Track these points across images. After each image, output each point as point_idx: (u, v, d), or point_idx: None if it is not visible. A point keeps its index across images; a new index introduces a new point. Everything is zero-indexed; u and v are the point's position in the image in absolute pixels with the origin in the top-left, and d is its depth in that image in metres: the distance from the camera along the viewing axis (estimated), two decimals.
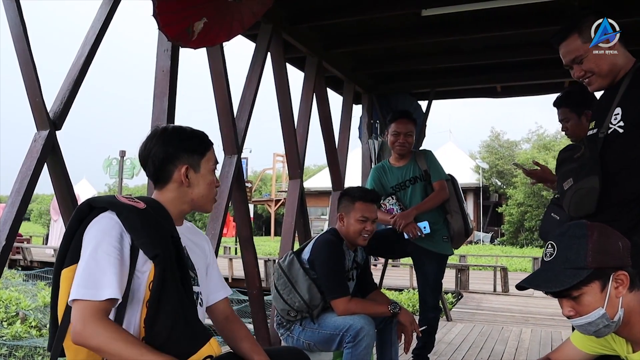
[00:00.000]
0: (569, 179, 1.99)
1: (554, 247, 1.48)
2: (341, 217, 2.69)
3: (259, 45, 3.93)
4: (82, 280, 1.40)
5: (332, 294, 2.54)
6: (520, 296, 8.15)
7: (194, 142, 1.67)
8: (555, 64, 5.28)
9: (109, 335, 1.36)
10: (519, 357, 4.10)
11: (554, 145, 27.45)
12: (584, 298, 1.40)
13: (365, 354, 2.40)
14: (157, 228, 1.51)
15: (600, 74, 1.96)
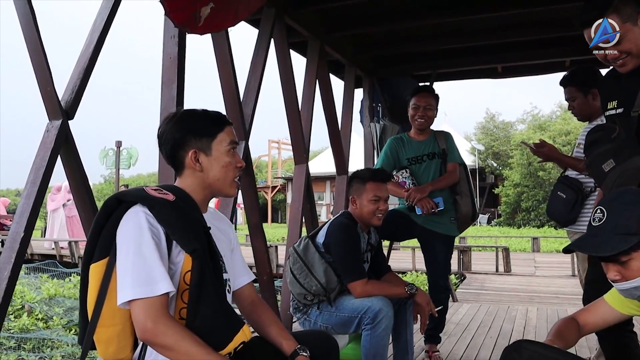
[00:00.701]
0: (609, 160, 1.96)
1: (604, 212, 1.48)
2: (353, 199, 2.70)
3: (262, 29, 3.90)
4: (135, 278, 1.39)
5: (349, 277, 2.55)
6: (522, 276, 8.24)
7: (201, 125, 1.62)
8: (556, 43, 5.32)
9: (178, 334, 1.38)
10: (527, 335, 4.16)
11: (549, 125, 27.51)
12: (632, 263, 1.43)
13: (385, 336, 2.43)
14: (189, 221, 1.50)
15: (635, 53, 1.90)
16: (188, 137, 1.61)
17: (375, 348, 2.42)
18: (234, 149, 1.65)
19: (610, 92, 2.11)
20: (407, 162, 3.48)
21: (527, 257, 11.47)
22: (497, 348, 3.73)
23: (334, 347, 1.82)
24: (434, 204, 3.26)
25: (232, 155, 1.64)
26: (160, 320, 1.37)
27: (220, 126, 1.64)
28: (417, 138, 3.51)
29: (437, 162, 3.44)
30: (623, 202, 1.48)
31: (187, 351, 1.37)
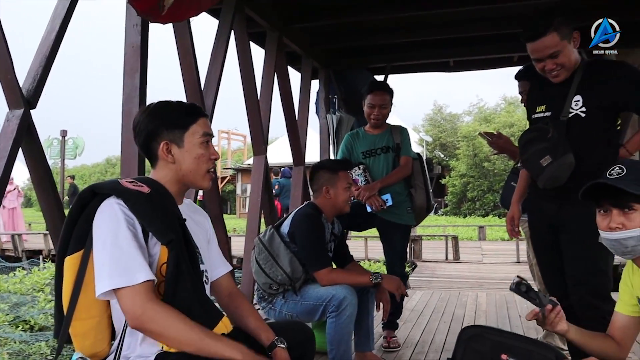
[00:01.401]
0: (546, 156, 2.21)
1: (623, 169, 1.59)
2: (327, 189, 2.75)
3: (223, 20, 3.87)
4: (112, 269, 1.39)
5: (314, 266, 2.61)
6: (471, 263, 8.55)
7: (174, 116, 1.61)
8: (505, 39, 5.54)
9: (167, 318, 1.38)
10: (478, 319, 4.35)
11: (494, 117, 28.44)
12: (635, 215, 1.55)
13: (349, 323, 2.50)
14: (165, 212, 1.50)
15: (567, 67, 2.21)
16: (160, 128, 1.60)
17: (339, 335, 2.48)
18: (208, 141, 1.64)
19: (538, 97, 2.40)
20: (362, 155, 3.56)
21: (474, 245, 11.90)
22: (451, 332, 3.90)
23: (311, 337, 1.86)
24: (382, 201, 3.36)
25: (206, 147, 1.63)
26: (147, 306, 1.37)
27: (193, 117, 1.63)
28: (372, 132, 3.59)
29: (392, 156, 3.53)
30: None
31: (176, 335, 1.38)
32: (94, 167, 50.17)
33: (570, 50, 2.21)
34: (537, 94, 2.44)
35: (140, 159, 2.82)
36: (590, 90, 2.21)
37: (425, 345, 3.58)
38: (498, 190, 25.61)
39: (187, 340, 1.38)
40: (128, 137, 2.85)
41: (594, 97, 2.20)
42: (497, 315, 4.46)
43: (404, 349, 3.49)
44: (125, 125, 2.86)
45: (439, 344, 3.61)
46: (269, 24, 4.52)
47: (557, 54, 2.19)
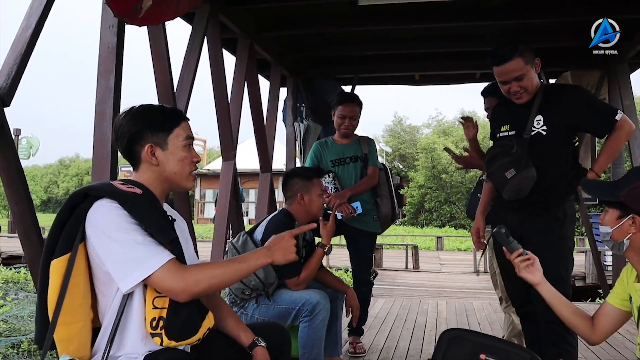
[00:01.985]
0: (511, 169, 2.37)
1: None
2: (301, 196, 2.79)
3: (197, 25, 3.87)
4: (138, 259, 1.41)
5: (287, 274, 2.64)
6: (430, 272, 8.74)
7: (158, 120, 1.63)
8: (469, 56, 5.74)
9: (205, 274, 1.47)
10: (439, 326, 4.46)
11: (452, 130, 29.13)
12: (606, 214, 1.80)
13: (322, 327, 2.55)
14: (160, 213, 1.54)
15: (530, 90, 2.41)
16: (144, 131, 1.61)
17: (312, 339, 2.52)
18: (190, 144, 1.67)
19: (502, 117, 2.58)
20: (331, 163, 3.63)
21: (432, 254, 12.15)
22: (414, 338, 4.00)
23: (288, 338, 1.90)
24: (352, 209, 3.44)
25: (188, 149, 1.66)
26: (183, 275, 1.43)
27: (177, 121, 1.65)
28: (341, 141, 3.67)
29: (360, 166, 3.62)
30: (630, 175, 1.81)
31: (221, 280, 1.50)
32: (46, 169, 48.54)
33: (532, 74, 2.40)
34: (501, 114, 2.62)
35: (113, 160, 2.79)
36: (549, 111, 2.40)
37: (390, 350, 3.65)
38: (455, 201, 26.24)
39: (230, 275, 1.51)
40: (100, 138, 2.82)
41: (552, 117, 2.39)
42: (457, 323, 4.59)
43: (370, 354, 3.56)
44: (97, 126, 2.82)
45: (403, 350, 3.70)
46: (241, 31, 4.55)
47: (521, 77, 2.37)
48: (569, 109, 2.38)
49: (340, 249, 9.34)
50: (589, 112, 2.38)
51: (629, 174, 1.82)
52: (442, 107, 78.77)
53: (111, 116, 2.79)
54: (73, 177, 44.73)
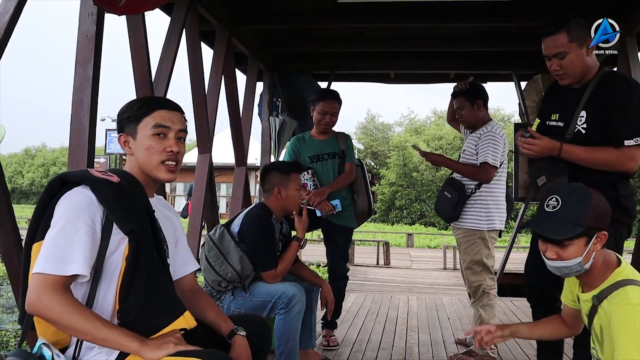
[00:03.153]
0: (542, 176, 2.27)
1: (559, 201, 1.72)
2: (278, 190, 2.81)
3: (175, 16, 3.84)
4: (49, 253, 1.39)
5: (263, 267, 2.68)
6: (400, 268, 8.87)
7: (131, 110, 1.65)
8: (444, 56, 5.85)
9: (64, 308, 1.36)
10: (410, 321, 4.55)
11: (424, 129, 29.51)
12: (570, 247, 1.69)
13: (297, 319, 2.59)
14: (132, 202, 1.52)
15: (571, 73, 2.20)
16: (121, 123, 1.68)
17: (288, 331, 2.56)
18: (162, 133, 1.63)
19: (553, 104, 2.37)
20: (309, 160, 3.66)
21: (402, 251, 12.32)
22: (386, 332, 4.08)
23: (269, 330, 1.92)
24: (332, 206, 3.50)
25: (158, 139, 1.63)
26: (45, 295, 1.35)
27: (146, 110, 1.64)
28: (318, 137, 3.71)
29: (337, 162, 3.66)
30: (576, 198, 1.71)
31: (72, 324, 1.36)
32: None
33: (578, 55, 2.16)
34: (554, 98, 2.40)
35: (90, 150, 2.76)
36: (594, 107, 2.18)
37: (363, 344, 3.72)
38: (425, 199, 26.59)
39: (83, 328, 1.37)
40: (77, 127, 2.78)
41: (594, 114, 2.18)
42: (427, 317, 4.69)
43: (342, 347, 3.61)
44: (74, 115, 2.78)
45: (375, 343, 3.77)
46: (219, 23, 4.53)
47: (563, 55, 2.16)
48: (607, 105, 2.14)
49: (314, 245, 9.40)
50: (619, 114, 2.13)
51: (570, 195, 1.72)
52: (414, 106, 79.48)
53: (89, 105, 2.76)
54: (39, 167, 43.64)
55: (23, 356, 1.42)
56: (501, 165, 3.40)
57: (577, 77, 2.21)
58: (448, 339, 3.93)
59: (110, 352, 1.47)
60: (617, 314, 1.60)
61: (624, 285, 1.67)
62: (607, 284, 1.72)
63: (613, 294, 1.67)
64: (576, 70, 2.19)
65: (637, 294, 1.63)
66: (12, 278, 2.47)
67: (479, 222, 3.42)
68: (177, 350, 1.42)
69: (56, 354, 1.43)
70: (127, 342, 1.40)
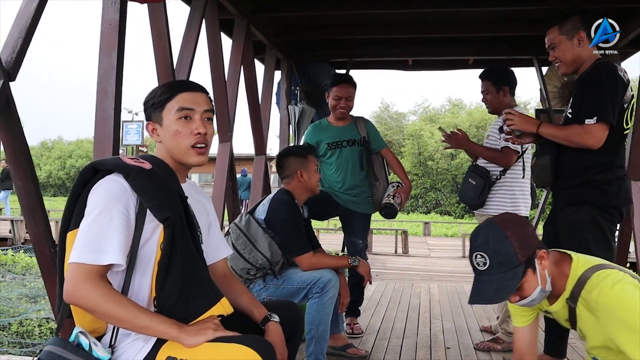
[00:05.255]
0: (534, 158, 2.45)
1: (485, 256, 1.66)
2: (301, 173, 2.82)
3: (195, 4, 3.83)
4: (84, 243, 1.39)
5: (296, 251, 2.67)
6: (418, 257, 8.85)
7: (153, 97, 1.64)
8: (463, 42, 5.77)
9: (101, 296, 1.36)
10: (433, 308, 4.53)
11: (439, 117, 29.29)
12: (524, 286, 1.66)
13: (331, 304, 2.58)
14: (165, 189, 1.51)
15: (565, 61, 2.41)
16: (147, 111, 1.66)
17: (320, 315, 2.56)
18: (187, 116, 1.60)
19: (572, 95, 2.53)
20: (327, 147, 3.62)
21: (420, 240, 12.28)
22: (409, 320, 4.06)
23: (301, 316, 1.91)
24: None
25: (183, 122, 1.60)
26: (82, 284, 1.35)
27: (169, 95, 1.62)
28: (336, 123, 3.65)
29: (358, 149, 3.60)
30: (494, 240, 1.65)
31: (111, 313, 1.36)
32: None
33: (568, 47, 2.39)
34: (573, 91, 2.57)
35: (115, 139, 2.77)
36: (578, 92, 2.40)
37: (387, 331, 3.71)
38: (440, 188, 26.45)
39: (121, 316, 1.37)
40: (102, 116, 2.79)
41: (575, 99, 2.41)
42: (450, 305, 4.67)
43: (367, 335, 3.60)
44: (99, 104, 2.79)
45: (400, 330, 3.76)
46: (238, 12, 4.50)
47: (553, 46, 2.42)
48: (582, 89, 2.37)
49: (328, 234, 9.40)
50: (585, 94, 2.33)
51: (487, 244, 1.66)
52: (428, 94, 78.98)
53: (113, 94, 2.76)
54: (55, 159, 44.07)
55: (61, 344, 1.42)
56: (525, 151, 3.34)
57: (570, 65, 2.42)
58: (473, 327, 3.90)
59: (147, 339, 1.46)
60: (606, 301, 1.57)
61: (589, 276, 1.64)
62: (571, 282, 1.69)
63: (585, 288, 1.64)
64: (567, 59, 2.40)
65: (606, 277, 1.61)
66: (42, 266, 2.49)
67: (504, 208, 3.37)
68: (216, 336, 1.42)
69: (93, 342, 1.43)
70: (166, 329, 1.40)
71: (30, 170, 2.34)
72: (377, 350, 3.30)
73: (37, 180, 2.44)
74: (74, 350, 1.41)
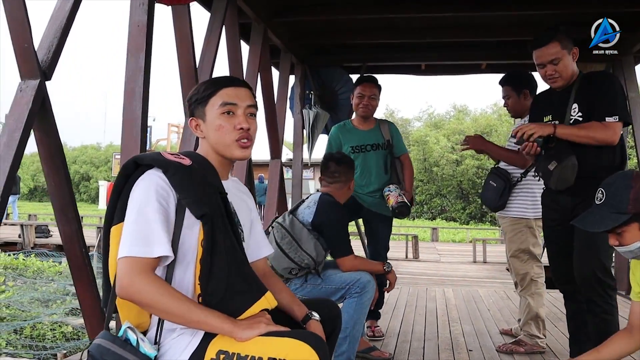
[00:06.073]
0: (552, 161, 2.46)
1: (603, 193, 1.83)
2: (351, 183, 2.94)
3: (216, 8, 3.86)
4: (132, 237, 1.39)
5: (342, 252, 2.70)
6: (430, 262, 8.83)
7: (197, 93, 1.64)
8: (476, 47, 5.78)
9: (157, 290, 1.36)
10: (450, 312, 4.52)
11: (444, 124, 29.28)
12: (625, 234, 1.78)
13: (368, 305, 2.62)
14: (204, 185, 1.50)
15: (564, 75, 2.51)
16: (191, 107, 1.66)
17: (358, 314, 2.58)
18: (230, 111, 1.61)
19: (544, 107, 2.66)
20: (351, 150, 3.62)
21: (428, 245, 12.26)
22: (428, 323, 4.06)
23: (339, 313, 1.90)
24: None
25: (227, 117, 1.60)
26: (137, 278, 1.35)
27: (212, 90, 1.62)
28: (360, 127, 3.65)
29: (383, 153, 3.60)
30: (619, 186, 1.80)
31: (166, 308, 1.36)
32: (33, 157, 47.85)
33: (569, 61, 2.50)
34: (544, 103, 2.70)
35: (142, 141, 2.78)
36: (584, 98, 2.49)
37: (407, 334, 3.70)
38: (446, 194, 26.41)
39: (177, 311, 1.36)
40: (129, 118, 2.80)
41: (586, 104, 2.48)
42: (467, 309, 4.65)
43: (388, 337, 3.60)
44: (127, 105, 2.80)
45: (420, 333, 3.75)
46: (256, 16, 4.53)
47: (557, 61, 2.48)
48: (594, 92, 2.46)
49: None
50: (600, 95, 2.44)
51: (612, 185, 1.83)
52: (432, 100, 79.13)
53: (141, 95, 2.78)
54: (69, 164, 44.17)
55: (109, 338, 1.42)
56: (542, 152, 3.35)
57: (568, 79, 2.51)
58: (492, 330, 3.89)
59: (194, 333, 1.45)
60: None
61: None
62: None
63: None
64: (568, 73, 2.50)
65: None
66: (73, 267, 2.49)
67: (525, 210, 3.39)
68: (268, 331, 1.42)
69: (141, 338, 1.43)
70: (220, 324, 1.39)
71: (64, 170, 2.36)
72: (400, 352, 3.30)
73: (71, 180, 2.45)
74: (122, 345, 1.41)
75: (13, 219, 14.73)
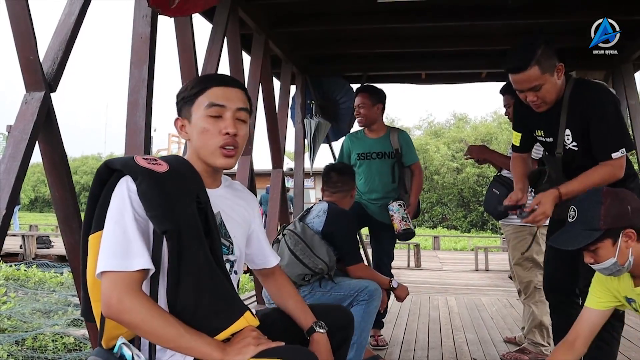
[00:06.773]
0: None
1: (575, 210, 1.81)
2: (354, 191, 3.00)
3: (218, 18, 3.89)
4: (110, 250, 1.28)
5: (353, 260, 2.74)
6: (432, 270, 8.80)
7: (185, 91, 1.51)
8: (475, 56, 5.81)
9: (146, 312, 1.26)
10: (454, 320, 4.51)
11: (444, 132, 29.32)
12: (599, 251, 1.75)
13: (374, 313, 2.64)
14: (177, 195, 1.34)
15: (549, 100, 2.21)
16: (178, 105, 1.54)
17: (365, 322, 2.59)
18: (217, 114, 1.46)
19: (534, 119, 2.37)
20: (357, 157, 3.65)
21: (430, 254, 12.24)
22: (432, 331, 4.05)
23: (351, 321, 1.83)
24: None
25: (213, 120, 1.46)
26: (127, 297, 1.24)
27: (200, 88, 1.48)
28: (370, 135, 3.70)
29: (390, 162, 3.61)
30: (589, 202, 1.79)
31: (153, 331, 1.26)
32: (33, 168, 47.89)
33: (552, 83, 2.18)
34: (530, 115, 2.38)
35: (146, 151, 2.79)
36: (576, 125, 2.23)
37: (411, 343, 3.69)
38: (446, 203, 26.38)
39: (165, 335, 1.26)
40: (133, 129, 2.81)
41: (580, 131, 2.24)
42: (470, 317, 4.64)
43: (392, 347, 3.59)
44: (130, 116, 2.82)
45: (423, 342, 3.74)
46: (257, 26, 4.56)
47: (538, 87, 2.17)
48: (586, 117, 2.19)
49: None
50: (597, 127, 2.18)
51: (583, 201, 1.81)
52: (432, 109, 79.32)
53: (144, 106, 2.79)
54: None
55: (104, 356, 1.36)
56: None
57: (554, 101, 2.23)
58: (496, 338, 3.88)
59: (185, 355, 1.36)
60: None
61: None
62: None
63: None
64: (552, 97, 2.21)
65: None
66: (77, 278, 2.49)
67: None
68: (258, 352, 1.31)
69: (136, 354, 1.33)
70: (210, 351, 1.29)
71: (68, 181, 2.37)
72: None
73: (75, 191, 2.46)
74: None
75: (14, 229, 14.74)
